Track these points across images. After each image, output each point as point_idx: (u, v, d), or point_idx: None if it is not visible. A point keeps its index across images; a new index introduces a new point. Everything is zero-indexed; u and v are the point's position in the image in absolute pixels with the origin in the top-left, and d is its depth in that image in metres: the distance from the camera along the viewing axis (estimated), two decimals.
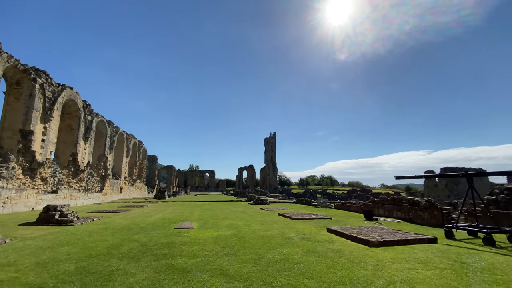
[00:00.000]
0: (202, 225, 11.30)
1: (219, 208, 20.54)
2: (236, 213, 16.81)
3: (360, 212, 17.60)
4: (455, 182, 54.47)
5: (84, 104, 25.42)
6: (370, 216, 13.19)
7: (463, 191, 56.52)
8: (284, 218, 13.57)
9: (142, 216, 15.00)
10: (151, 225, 11.14)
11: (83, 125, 24.88)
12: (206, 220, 12.85)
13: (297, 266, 5.26)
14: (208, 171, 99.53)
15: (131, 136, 40.28)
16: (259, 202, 26.54)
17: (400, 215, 14.14)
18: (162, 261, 5.61)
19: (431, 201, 13.35)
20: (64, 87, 22.28)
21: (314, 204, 23.47)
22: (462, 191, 52.79)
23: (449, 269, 5.16)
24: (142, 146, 46.67)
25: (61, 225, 11.27)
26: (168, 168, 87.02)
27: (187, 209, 20.05)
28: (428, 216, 12.67)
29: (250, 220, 12.96)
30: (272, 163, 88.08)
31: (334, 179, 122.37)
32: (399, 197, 14.82)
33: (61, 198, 21.44)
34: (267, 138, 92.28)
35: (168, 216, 14.72)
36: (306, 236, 8.46)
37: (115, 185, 34.29)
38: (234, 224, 11.38)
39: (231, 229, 10.01)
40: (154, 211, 18.07)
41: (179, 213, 16.44)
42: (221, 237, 8.45)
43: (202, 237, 8.35)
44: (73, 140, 23.87)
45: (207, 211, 18.31)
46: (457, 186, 55.04)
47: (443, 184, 56.68)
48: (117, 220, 12.88)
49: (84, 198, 25.34)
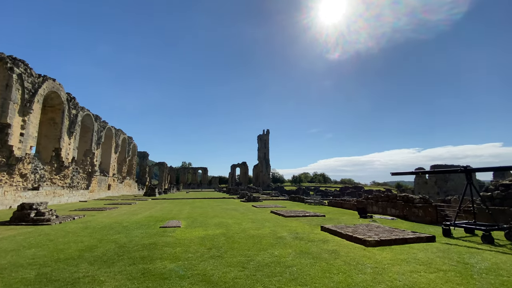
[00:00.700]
0: (190, 223, 10.70)
1: (209, 206, 19.94)
2: (227, 210, 16.26)
3: (354, 209, 17.32)
4: (444, 180, 55.18)
5: (68, 97, 24.25)
6: (365, 213, 12.86)
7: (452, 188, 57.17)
8: (276, 216, 13.10)
9: (128, 214, 14.28)
10: (135, 224, 10.48)
11: (67, 119, 23.73)
12: (194, 218, 12.25)
13: (289, 270, 4.75)
14: (200, 168, 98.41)
15: (120, 131, 39.04)
16: (251, 199, 26.06)
17: (395, 212, 13.87)
18: (139, 265, 5.01)
19: (425, 198, 13.11)
20: (46, 78, 21.11)
21: (307, 201, 23.13)
22: (451, 188, 53.61)
23: (453, 271, 4.74)
24: (132, 142, 45.41)
25: (36, 224, 10.48)
26: (160, 164, 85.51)
27: (177, 206, 19.38)
28: (423, 213, 12.42)
29: (241, 218, 12.43)
30: (265, 160, 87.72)
31: (327, 176, 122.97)
32: (393, 194, 14.54)
33: (43, 196, 20.42)
34: (260, 135, 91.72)
35: (155, 214, 14.05)
36: (299, 235, 7.98)
37: (103, 182, 33.20)
38: (224, 223, 10.82)
39: (220, 228, 9.45)
40: (141, 209, 17.34)
41: (168, 211, 15.78)
42: (208, 236, 7.88)
43: (188, 237, 7.77)
44: (56, 135, 22.74)
45: (197, 208, 17.70)
46: (446, 183, 55.75)
47: (432, 181, 57.36)
48: (99, 219, 12.14)
49: (68, 195, 24.31)
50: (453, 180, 55.14)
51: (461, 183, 54.22)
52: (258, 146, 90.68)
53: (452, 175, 54.08)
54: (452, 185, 54.74)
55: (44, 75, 21.28)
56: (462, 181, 54.44)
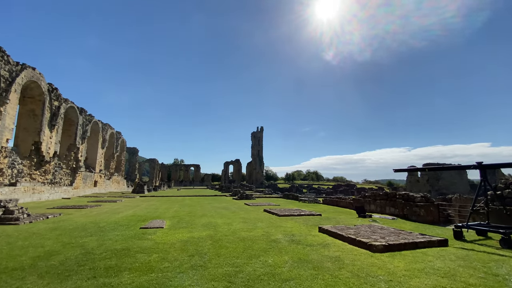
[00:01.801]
0: (174, 223, 9.72)
1: (199, 204, 18.94)
2: (217, 209, 15.30)
3: (350, 207, 16.61)
4: (436, 178, 55.42)
5: (50, 87, 22.74)
6: (363, 212, 12.10)
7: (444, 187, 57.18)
8: (270, 215, 12.22)
9: (109, 212, 13.18)
10: (113, 224, 9.44)
11: (48, 111, 22.24)
12: (181, 218, 11.26)
13: (287, 285, 3.86)
14: (193, 165, 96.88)
15: (107, 126, 37.44)
16: (244, 197, 25.14)
17: (394, 211, 13.18)
18: (100, 279, 4.03)
19: (426, 197, 12.44)
20: (25, 67, 19.62)
21: (301, 199, 22.36)
22: (443, 187, 53.86)
23: (485, 286, 3.93)
24: (120, 137, 43.78)
25: (3, 224, 9.34)
26: (151, 161, 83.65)
27: (164, 204, 18.31)
28: (424, 212, 11.74)
29: (232, 217, 11.50)
30: (259, 158, 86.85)
31: (320, 174, 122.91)
32: (392, 192, 13.85)
33: (21, 192, 19.03)
34: (254, 132, 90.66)
35: (139, 213, 12.99)
36: (296, 238, 7.11)
37: (89, 178, 31.72)
38: (213, 223, 9.88)
39: (207, 229, 8.50)
40: (126, 207, 16.23)
41: (153, 209, 14.72)
42: (192, 240, 6.93)
43: (169, 241, 6.80)
44: (36, 128, 21.27)
45: (186, 207, 16.68)
46: (438, 181, 56.05)
47: (424, 180, 57.55)
48: (75, 218, 11.03)
49: (50, 192, 22.89)
50: (444, 178, 55.47)
51: (452, 182, 54.61)
52: (252, 143, 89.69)
53: (444, 174, 54.32)
54: (443, 183, 55.04)
55: (23, 63, 19.78)
56: (453, 180, 54.88)
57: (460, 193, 44.77)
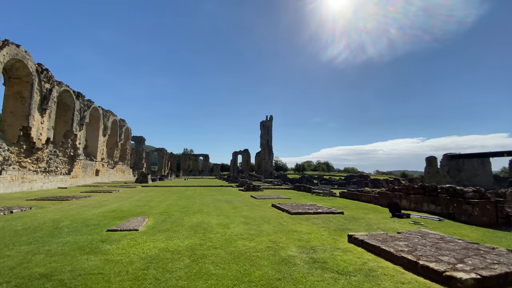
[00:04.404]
0: (157, 223, 7.55)
1: (200, 196, 16.87)
2: (218, 203, 13.13)
3: (375, 202, 14.10)
4: (458, 169, 51.65)
5: (39, 68, 20.86)
6: (398, 211, 9.57)
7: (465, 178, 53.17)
8: (279, 213, 9.90)
9: (91, 206, 11.22)
10: (79, 224, 7.37)
11: (38, 93, 20.46)
12: (169, 215, 9.11)
13: None
14: (202, 155, 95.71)
15: (109, 112, 35.74)
16: (250, 188, 22.99)
17: (435, 209, 10.58)
18: None
19: (480, 191, 9.75)
20: (7, 43, 17.67)
21: (315, 192, 19.95)
22: (464, 178, 49.96)
23: None
24: (124, 125, 42.20)
25: None
26: (159, 150, 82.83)
27: (160, 196, 16.34)
28: (479, 211, 9.12)
29: (232, 215, 9.26)
30: (268, 147, 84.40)
31: (331, 165, 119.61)
32: (432, 185, 11.19)
33: (7, 182, 17.50)
34: (263, 121, 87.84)
35: (124, 207, 10.96)
36: (319, 256, 4.73)
37: (89, 167, 30.32)
38: (204, 224, 7.64)
39: (193, 235, 6.26)
40: (117, 199, 14.33)
41: (144, 203, 12.70)
42: (163, 257, 4.68)
43: (128, 257, 4.58)
44: (24, 111, 19.58)
45: (183, 199, 14.61)
46: (459, 172, 52.23)
47: (445, 171, 53.79)
48: (43, 213, 9.08)
49: (43, 181, 21.43)
50: (466, 170, 51.47)
51: (474, 173, 50.65)
52: (261, 133, 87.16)
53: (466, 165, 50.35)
54: (465, 175, 51.06)
55: (5, 40, 17.83)
56: (476, 171, 50.93)
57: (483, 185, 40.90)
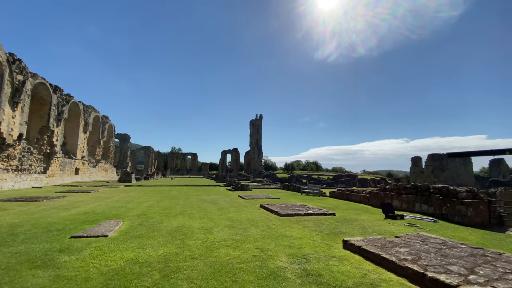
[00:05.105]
0: (130, 229, 6.75)
1: (185, 196, 16.02)
2: (203, 203, 12.36)
3: (366, 202, 13.75)
4: (441, 169, 52.95)
5: (11, 58, 19.29)
6: (392, 212, 9.16)
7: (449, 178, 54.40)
8: (268, 214, 9.28)
9: (61, 208, 10.20)
10: (40, 229, 6.46)
11: (8, 85, 18.90)
12: (147, 218, 8.29)
13: None
14: (190, 153, 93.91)
15: (90, 108, 33.99)
16: (239, 187, 22.30)
17: (427, 209, 10.28)
18: None
19: (473, 191, 9.50)
20: None
21: (304, 191, 19.50)
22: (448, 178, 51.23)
23: None
24: (107, 122, 40.37)
25: None
26: (146, 149, 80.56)
27: (142, 196, 15.37)
28: (473, 212, 8.84)
29: (217, 218, 8.54)
30: (258, 147, 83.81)
31: (319, 164, 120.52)
32: (424, 185, 10.90)
33: None
34: (253, 120, 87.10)
35: (97, 209, 10.02)
36: (312, 267, 4.12)
37: (68, 165, 28.67)
38: (185, 228, 6.90)
39: (170, 241, 5.52)
40: (93, 199, 13.28)
41: (122, 204, 11.76)
42: (129, 271, 3.93)
43: (88, 273, 3.81)
44: None
45: (167, 200, 13.74)
46: (443, 172, 53.58)
47: (429, 171, 55.12)
48: (1, 217, 8.05)
49: (15, 180, 19.91)
50: (450, 169, 52.78)
51: (457, 173, 52.07)
52: (250, 132, 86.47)
53: (450, 165, 51.66)
54: (448, 174, 52.39)
55: None
56: (458, 171, 52.36)
57: (465, 185, 41.68)
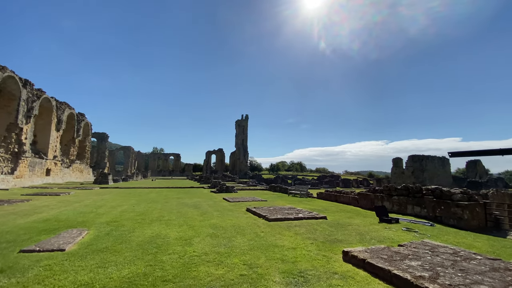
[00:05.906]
0: (94, 240, 5.73)
1: (164, 199, 14.91)
2: (184, 208, 11.38)
3: (355, 204, 13.34)
4: (421, 170, 54.56)
5: None
6: (386, 215, 8.69)
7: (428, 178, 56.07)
8: (255, 219, 8.50)
9: (20, 214, 8.89)
10: None
11: None
12: (117, 225, 7.25)
13: None
14: (173, 154, 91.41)
15: (64, 104, 31.68)
16: (223, 189, 21.36)
17: (420, 211, 9.94)
18: None
19: (468, 193, 9.24)
20: None
21: (292, 193, 18.93)
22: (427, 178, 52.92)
23: None
24: (83, 120, 37.93)
25: None
26: (125, 149, 77.29)
27: (117, 200, 14.10)
28: (470, 215, 8.55)
29: (198, 224, 7.65)
30: (243, 147, 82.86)
31: (304, 165, 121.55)
32: (417, 186, 10.59)
33: None
34: (239, 120, 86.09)
35: (61, 215, 8.80)
36: None
37: (38, 165, 26.44)
38: (160, 239, 5.97)
39: (140, 257, 4.60)
40: (59, 204, 11.89)
41: (92, 209, 10.55)
42: None
43: None
44: None
45: (143, 204, 12.61)
46: (423, 173, 55.24)
47: (410, 172, 56.66)
48: None
49: None
50: (429, 170, 54.50)
51: (435, 173, 53.90)
52: (236, 132, 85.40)
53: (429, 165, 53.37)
54: (427, 175, 54.05)
55: None
56: (437, 171, 54.23)
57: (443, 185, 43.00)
